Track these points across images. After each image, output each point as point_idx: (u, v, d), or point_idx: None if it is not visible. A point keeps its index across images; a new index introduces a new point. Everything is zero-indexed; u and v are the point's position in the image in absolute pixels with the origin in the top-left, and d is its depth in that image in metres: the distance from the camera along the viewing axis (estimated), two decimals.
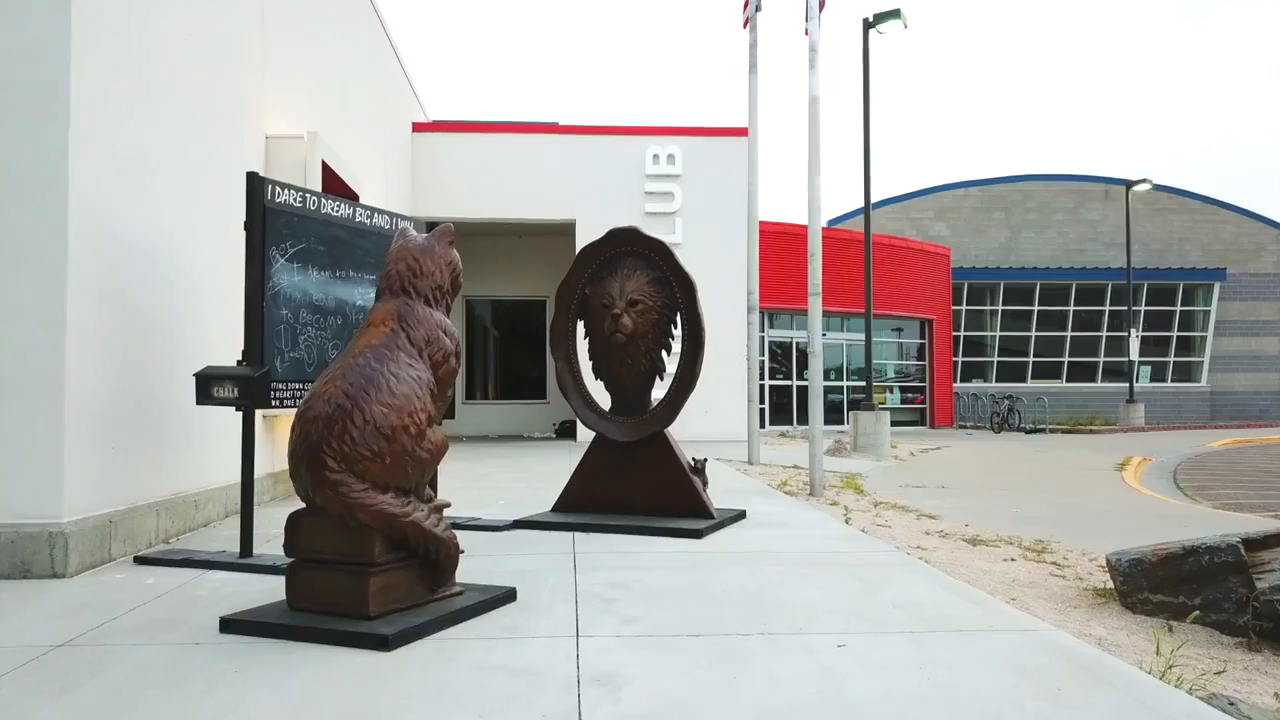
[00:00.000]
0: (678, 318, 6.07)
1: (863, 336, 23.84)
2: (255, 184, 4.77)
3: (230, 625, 3.42)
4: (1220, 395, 31.93)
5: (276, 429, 7.64)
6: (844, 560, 4.87)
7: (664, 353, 6.08)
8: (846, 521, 6.45)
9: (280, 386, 4.90)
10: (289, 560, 3.58)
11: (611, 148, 15.23)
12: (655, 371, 6.09)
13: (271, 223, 4.87)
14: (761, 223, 12.37)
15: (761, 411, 15.31)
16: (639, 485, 6.06)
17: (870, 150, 14.82)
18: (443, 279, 3.92)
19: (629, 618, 3.64)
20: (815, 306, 8.27)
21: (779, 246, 20.75)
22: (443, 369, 3.80)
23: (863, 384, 24.32)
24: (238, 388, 4.59)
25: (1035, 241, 32.53)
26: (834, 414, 22.30)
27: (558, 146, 15.31)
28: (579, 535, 5.58)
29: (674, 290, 6.03)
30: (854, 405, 20.59)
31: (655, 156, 15.19)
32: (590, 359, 6.23)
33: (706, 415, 14.72)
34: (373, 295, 5.71)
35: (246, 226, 4.77)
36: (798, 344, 23.15)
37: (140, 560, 4.80)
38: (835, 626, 3.52)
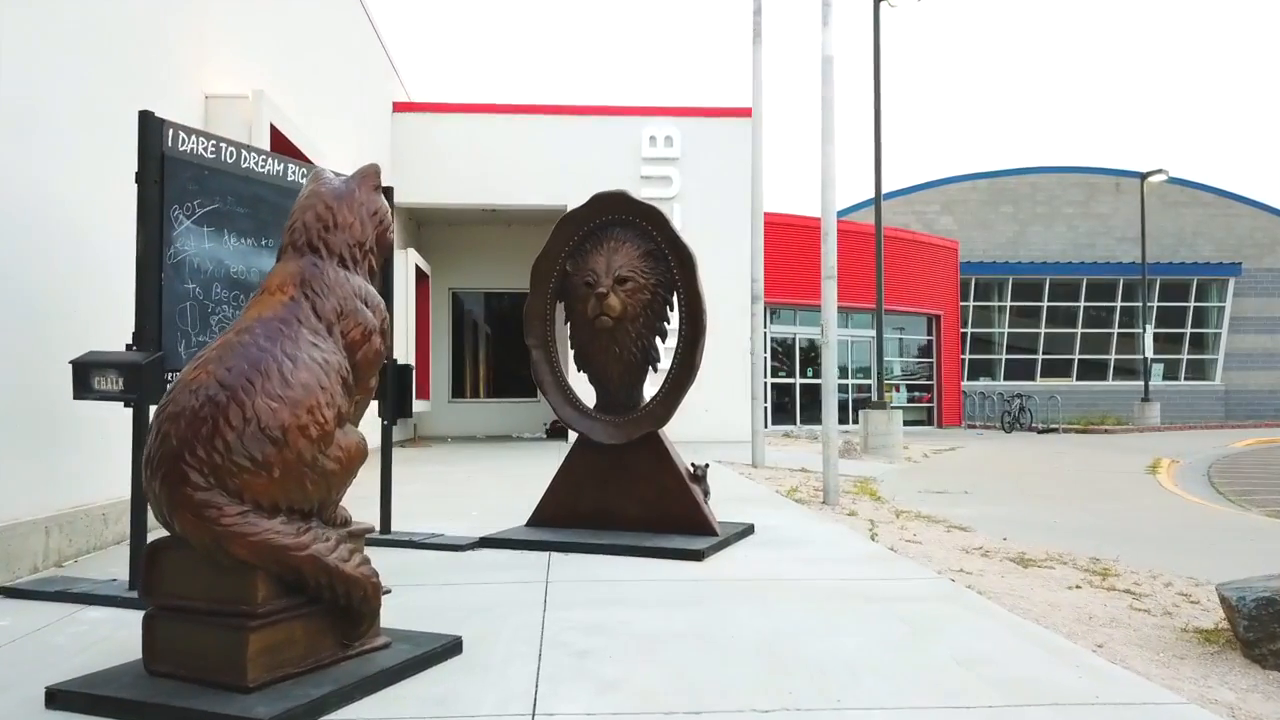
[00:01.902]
0: (674, 298, 5.16)
1: (867, 333, 23.02)
2: (149, 126, 3.85)
3: (59, 698, 2.50)
4: (1235, 394, 31.00)
5: None
6: (878, 591, 3.96)
7: (658, 339, 5.17)
8: (872, 537, 5.52)
9: None
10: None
11: (605, 129, 14.29)
12: (648, 361, 5.17)
13: (174, 175, 3.95)
14: (764, 213, 11.46)
15: (764, 410, 14.37)
16: (628, 496, 5.14)
17: (881, 128, 13.91)
18: (364, 233, 3.00)
19: (608, 682, 2.73)
20: (829, 292, 7.35)
21: (782, 239, 19.82)
22: (362, 350, 2.89)
23: (868, 382, 23.45)
24: (122, 377, 3.67)
25: (1044, 235, 31.60)
26: (839, 413, 21.38)
27: (548, 128, 14.38)
28: (556, 557, 4.66)
29: (670, 265, 5.11)
30: (860, 404, 19.68)
31: (652, 138, 14.25)
32: (572, 347, 5.32)
33: (707, 414, 13.81)
34: None
35: (138, 178, 3.85)
36: (801, 340, 22.24)
37: (7, 592, 3.88)
38: (885, 696, 2.61)
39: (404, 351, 12.93)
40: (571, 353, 5.33)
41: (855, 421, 15.02)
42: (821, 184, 7.35)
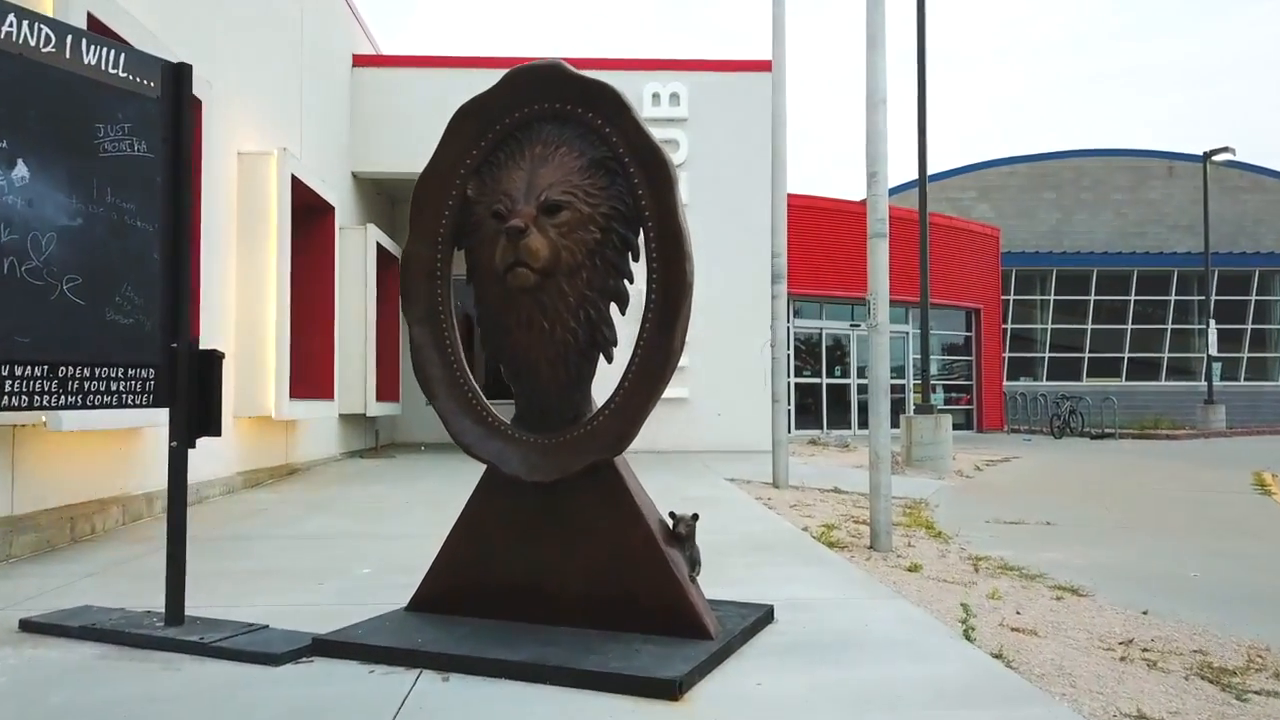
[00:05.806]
0: (640, 239, 3.12)
1: (900, 328, 20.85)
2: None
3: None
4: None
5: (20, 445, 4.77)
6: None
7: (613, 307, 3.13)
8: (966, 634, 3.42)
9: None
10: None
11: None
12: (596, 344, 3.13)
13: None
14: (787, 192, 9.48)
15: (788, 414, 12.24)
16: (564, 563, 3.12)
17: (925, 76, 11.79)
18: None
19: None
20: (879, 253, 5.27)
21: (806, 223, 17.78)
22: None
23: (901, 382, 21.26)
24: None
25: (1090, 224, 29.22)
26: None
27: None
28: (424, 686, 2.64)
29: (632, 184, 3.07)
30: (893, 407, 17.53)
31: (655, 96, 12.22)
32: (478, 322, 3.30)
33: (720, 419, 11.79)
34: (56, 204, 2.85)
35: None
36: (826, 338, 20.18)
37: None
38: None
39: (361, 345, 10.96)
40: (479, 331, 3.32)
41: (893, 426, 12.97)
42: (867, 104, 5.29)
